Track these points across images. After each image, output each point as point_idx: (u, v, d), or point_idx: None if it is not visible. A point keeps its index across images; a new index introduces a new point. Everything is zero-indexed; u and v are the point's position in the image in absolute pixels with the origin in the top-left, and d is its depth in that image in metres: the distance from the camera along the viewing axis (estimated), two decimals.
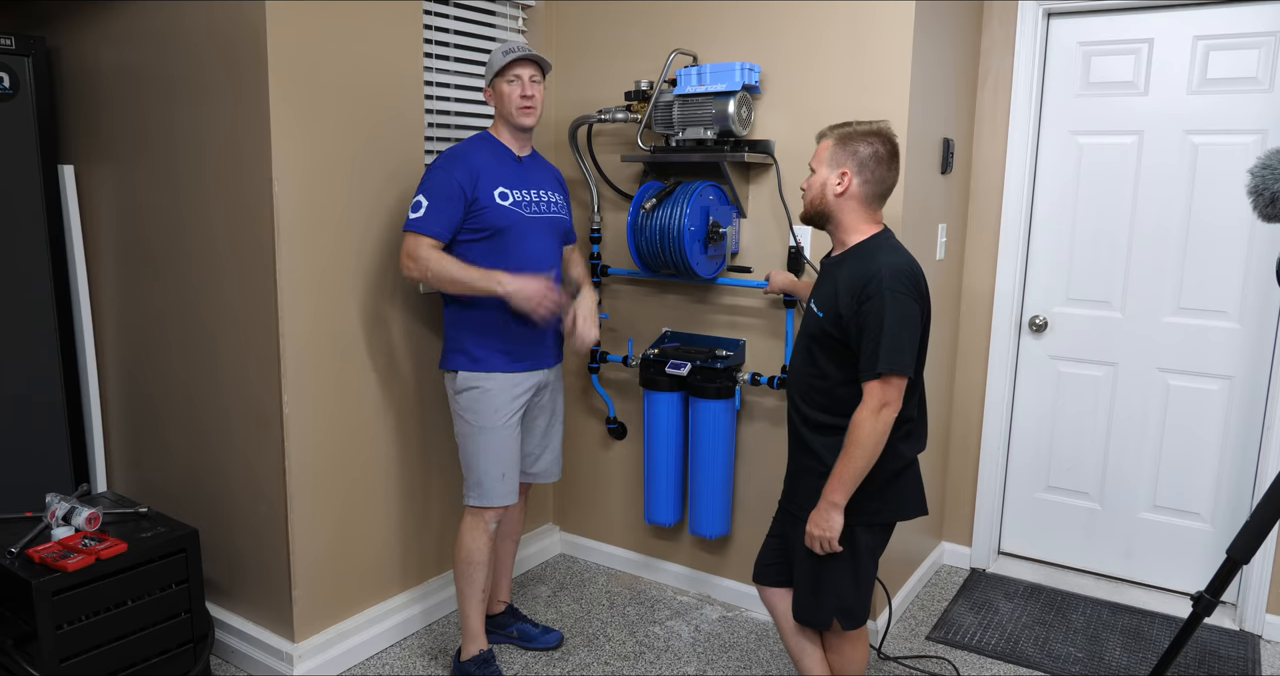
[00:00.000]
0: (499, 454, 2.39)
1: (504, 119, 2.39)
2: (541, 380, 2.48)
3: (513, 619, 2.74)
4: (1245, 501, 2.93)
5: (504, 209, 2.34)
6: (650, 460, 2.94)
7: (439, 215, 2.27)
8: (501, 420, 2.38)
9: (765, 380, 2.77)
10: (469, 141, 2.41)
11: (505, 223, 2.33)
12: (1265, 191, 1.64)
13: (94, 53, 2.65)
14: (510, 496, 2.42)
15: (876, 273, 1.84)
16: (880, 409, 1.83)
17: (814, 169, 1.98)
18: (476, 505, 2.41)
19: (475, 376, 2.36)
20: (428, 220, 2.26)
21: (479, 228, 2.32)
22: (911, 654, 2.74)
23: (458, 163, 2.31)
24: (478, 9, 2.87)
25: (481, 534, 2.43)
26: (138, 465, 2.85)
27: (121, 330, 2.80)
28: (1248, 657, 2.76)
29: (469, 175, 2.30)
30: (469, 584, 2.45)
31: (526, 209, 2.38)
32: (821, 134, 2.00)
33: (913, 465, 1.99)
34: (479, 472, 2.39)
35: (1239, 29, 2.75)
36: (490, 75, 2.36)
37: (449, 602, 2.89)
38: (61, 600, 2.09)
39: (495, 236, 2.33)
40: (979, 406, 3.25)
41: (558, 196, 2.51)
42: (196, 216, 2.48)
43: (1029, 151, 3.06)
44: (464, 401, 2.38)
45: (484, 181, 2.31)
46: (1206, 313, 2.92)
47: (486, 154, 2.37)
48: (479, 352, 2.37)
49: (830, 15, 2.58)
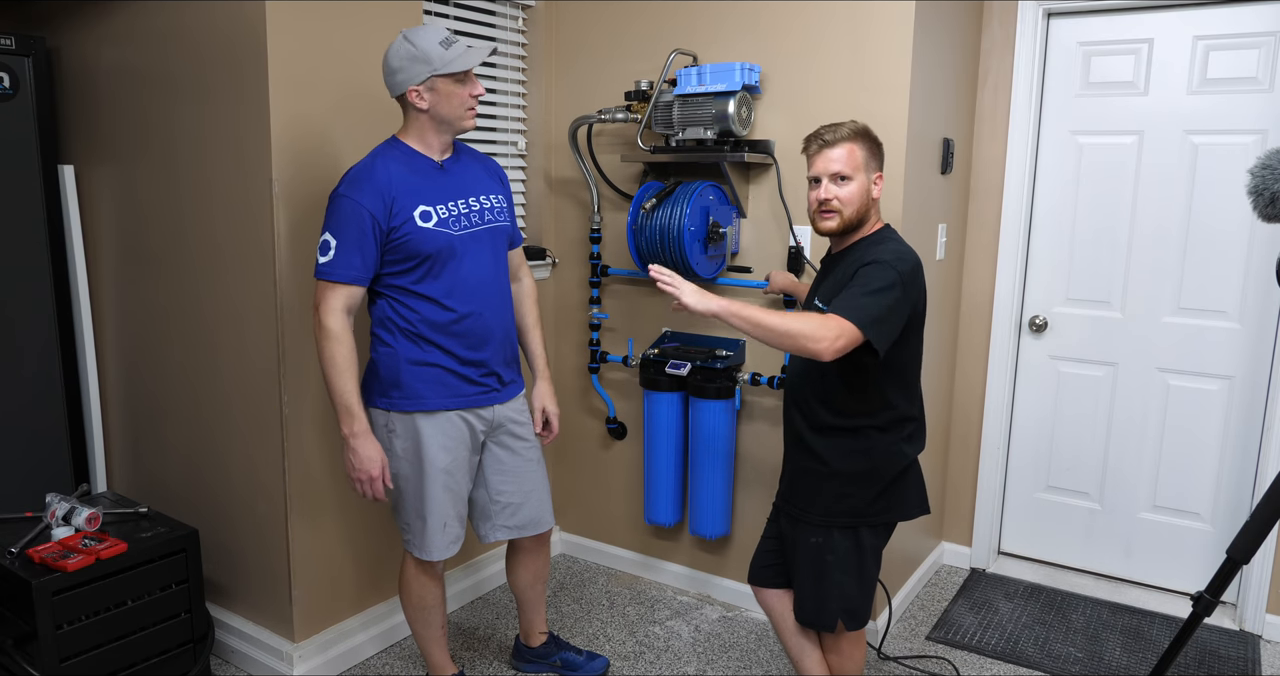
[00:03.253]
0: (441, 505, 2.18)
1: (437, 122, 2.04)
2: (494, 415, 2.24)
3: (556, 648, 2.59)
4: (1245, 501, 2.93)
5: (429, 231, 2.02)
6: (650, 460, 2.94)
7: (350, 256, 1.96)
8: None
9: (765, 380, 2.77)
10: (375, 156, 2.04)
11: (433, 248, 2.02)
12: (1265, 191, 1.65)
13: (94, 53, 2.65)
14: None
15: (883, 253, 1.85)
16: (836, 339, 1.71)
17: (847, 177, 1.89)
18: (415, 554, 2.23)
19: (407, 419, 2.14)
20: (338, 264, 1.96)
21: (403, 257, 2.02)
22: (911, 654, 2.74)
23: (364, 187, 1.97)
24: (478, 9, 2.88)
25: (432, 578, 2.28)
26: (138, 465, 2.85)
27: (122, 330, 2.80)
28: (1248, 657, 2.76)
29: (380, 200, 1.97)
30: (426, 627, 2.32)
31: (455, 225, 2.06)
32: (830, 141, 1.91)
33: (914, 465, 2.00)
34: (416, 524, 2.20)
35: (1239, 29, 2.75)
36: (427, 70, 1.97)
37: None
38: (61, 600, 2.09)
39: (424, 264, 2.03)
40: (979, 406, 3.25)
41: (494, 197, 2.17)
42: (197, 216, 2.48)
43: (1029, 151, 3.06)
44: (399, 442, 2.16)
45: (400, 203, 1.99)
46: (1206, 313, 2.92)
47: (398, 167, 2.02)
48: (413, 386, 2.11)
49: (830, 15, 2.58)
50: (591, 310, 3.10)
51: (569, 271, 3.19)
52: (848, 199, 1.90)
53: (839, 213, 1.91)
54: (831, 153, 1.90)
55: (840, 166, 1.89)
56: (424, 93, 2.00)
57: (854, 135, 1.91)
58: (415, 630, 2.34)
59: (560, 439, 3.33)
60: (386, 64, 2.02)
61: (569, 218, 3.16)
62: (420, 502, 2.15)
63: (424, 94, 2.00)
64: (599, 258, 3.06)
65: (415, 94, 2.00)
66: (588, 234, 3.09)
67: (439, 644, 2.35)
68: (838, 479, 1.94)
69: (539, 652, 2.58)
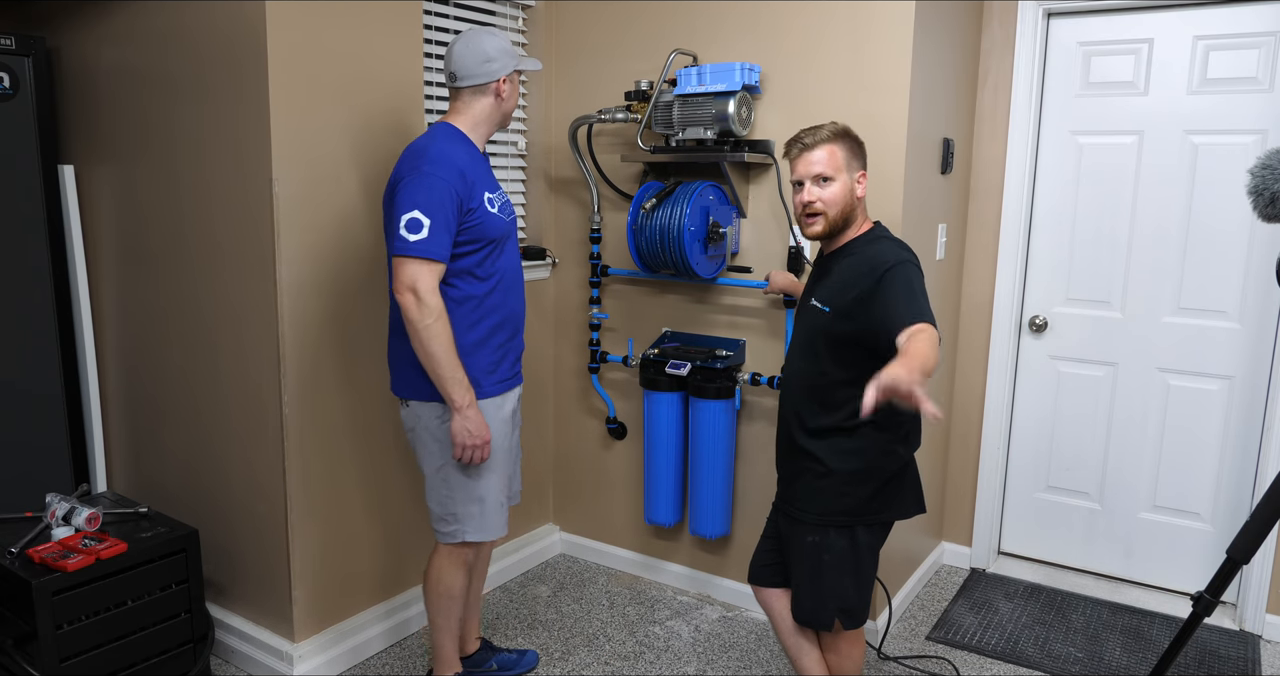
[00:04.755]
0: (495, 483, 2.22)
1: (502, 114, 2.16)
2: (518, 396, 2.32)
3: (490, 653, 2.58)
4: (1245, 501, 2.93)
5: (496, 216, 2.11)
6: (650, 460, 2.94)
7: (442, 235, 1.97)
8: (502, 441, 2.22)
9: (765, 380, 2.77)
10: (442, 139, 2.07)
11: (497, 233, 2.11)
12: (1265, 191, 1.65)
13: (94, 53, 2.65)
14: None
15: (888, 252, 1.86)
16: (934, 337, 1.67)
17: (829, 178, 1.90)
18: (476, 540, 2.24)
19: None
20: (434, 242, 1.96)
21: (470, 239, 2.06)
22: (911, 654, 2.74)
23: (450, 168, 2.00)
24: (478, 9, 2.88)
25: (463, 566, 2.28)
26: (138, 465, 2.85)
27: (122, 330, 2.80)
28: (1248, 657, 2.76)
29: (463, 182, 2.02)
30: (448, 618, 2.30)
31: (504, 213, 2.16)
32: (811, 144, 1.92)
33: (910, 465, 2.00)
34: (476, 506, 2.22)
35: (1239, 29, 2.75)
36: (514, 64, 2.12)
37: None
38: (61, 600, 2.09)
39: (488, 247, 2.10)
40: (979, 406, 3.25)
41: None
42: (197, 216, 2.48)
43: (1029, 151, 3.06)
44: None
45: (476, 187, 2.06)
46: (1206, 313, 2.92)
47: (465, 153, 2.08)
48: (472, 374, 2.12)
49: (830, 15, 2.58)
50: (591, 310, 3.10)
51: (569, 271, 3.19)
52: (831, 200, 1.91)
53: (824, 215, 1.92)
54: (812, 155, 1.91)
55: (822, 168, 1.90)
56: (505, 84, 2.12)
57: (834, 136, 1.92)
58: (436, 621, 2.31)
59: (560, 439, 3.34)
60: (481, 51, 2.08)
61: (569, 218, 3.16)
62: (478, 485, 2.19)
63: (504, 86, 2.12)
64: (599, 258, 3.06)
65: (503, 83, 2.12)
66: (588, 234, 3.09)
67: (454, 636, 2.34)
68: (834, 478, 1.94)
69: (474, 660, 2.54)
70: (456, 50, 2.10)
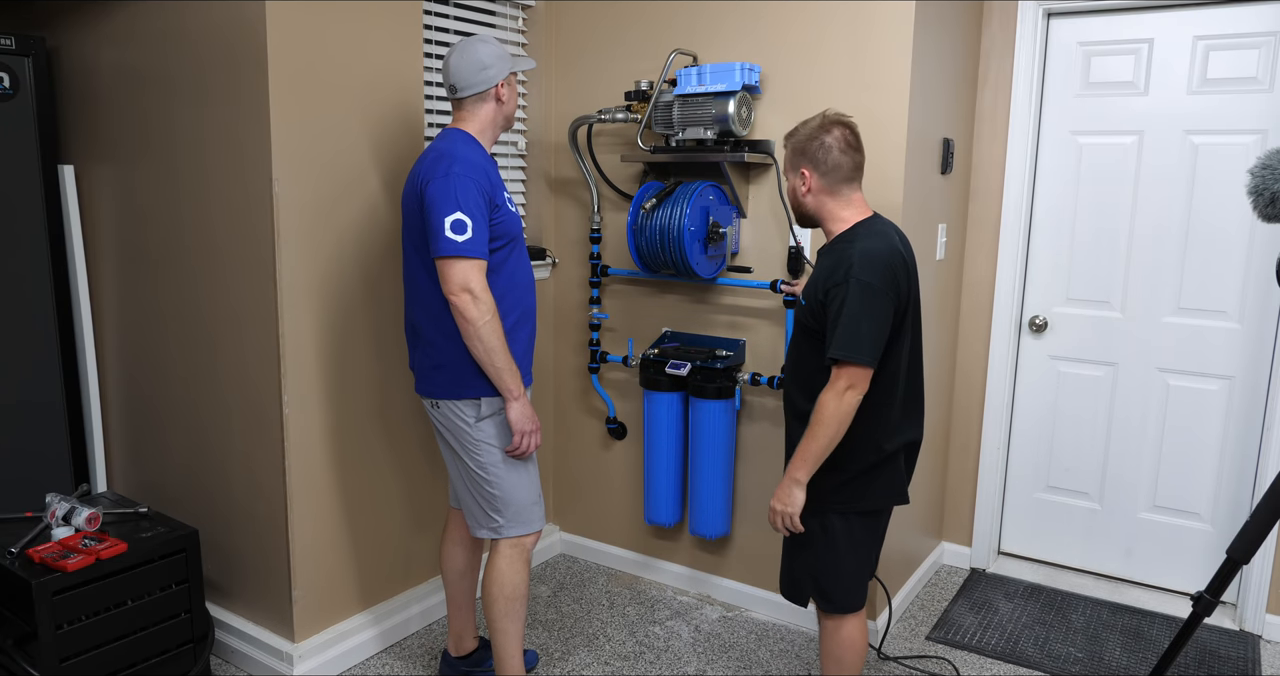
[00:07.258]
0: (534, 475, 2.25)
1: (505, 117, 2.21)
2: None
3: (489, 652, 2.53)
4: (1245, 501, 2.93)
5: (515, 214, 2.16)
6: (650, 460, 2.94)
7: (483, 234, 2.03)
8: None
9: (765, 380, 2.77)
10: (460, 144, 2.11)
11: (517, 229, 2.16)
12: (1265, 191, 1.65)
13: (94, 53, 2.65)
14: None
15: (849, 260, 1.88)
16: (845, 391, 1.86)
17: (788, 177, 2.05)
18: (521, 534, 2.23)
19: (499, 401, 2.14)
20: (478, 241, 2.01)
21: (496, 237, 2.10)
22: (911, 654, 2.74)
23: (478, 171, 2.06)
24: (478, 9, 2.88)
25: (526, 564, 2.25)
26: (138, 465, 2.85)
27: (121, 330, 2.80)
28: (1248, 657, 2.76)
29: (489, 183, 2.08)
30: (516, 621, 2.23)
31: (517, 213, 2.25)
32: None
33: (892, 458, 2.00)
34: (520, 501, 2.21)
35: (1239, 29, 2.75)
36: (509, 68, 2.16)
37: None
38: (61, 600, 2.09)
39: (510, 243, 2.14)
40: (979, 406, 3.25)
41: None
42: (197, 216, 2.48)
43: (1029, 152, 3.06)
44: (491, 427, 2.16)
45: (497, 188, 2.12)
46: (1206, 313, 2.92)
47: (481, 156, 2.13)
48: None
49: (830, 15, 2.58)
50: (591, 310, 3.10)
51: (569, 271, 3.20)
52: (789, 200, 2.08)
53: (793, 210, 2.08)
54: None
55: (782, 168, 2.07)
56: (504, 88, 2.17)
57: (785, 139, 2.05)
58: (505, 627, 2.23)
59: (560, 439, 3.34)
60: (476, 61, 2.12)
61: (569, 218, 3.17)
62: (528, 475, 2.23)
63: (504, 90, 2.17)
64: (599, 258, 3.06)
65: (502, 88, 2.16)
66: (588, 234, 3.09)
67: (521, 641, 2.28)
68: None
69: (473, 659, 2.51)
70: (453, 63, 2.13)
